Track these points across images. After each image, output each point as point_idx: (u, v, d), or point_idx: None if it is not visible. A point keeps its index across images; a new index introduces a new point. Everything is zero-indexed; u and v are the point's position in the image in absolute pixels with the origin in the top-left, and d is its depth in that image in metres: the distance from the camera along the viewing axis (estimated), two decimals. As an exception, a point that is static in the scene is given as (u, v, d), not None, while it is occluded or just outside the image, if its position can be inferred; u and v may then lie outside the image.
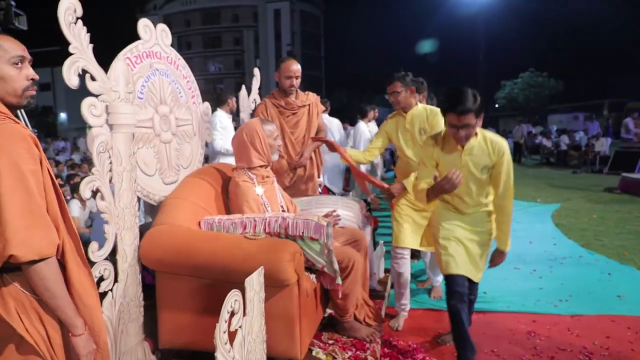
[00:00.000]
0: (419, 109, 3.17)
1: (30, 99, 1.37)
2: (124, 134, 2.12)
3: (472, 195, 2.43)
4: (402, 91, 3.11)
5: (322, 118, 3.38)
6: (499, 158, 2.34)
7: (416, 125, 3.14)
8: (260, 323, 1.78)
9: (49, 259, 1.26)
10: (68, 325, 1.32)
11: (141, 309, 2.22)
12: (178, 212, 2.28)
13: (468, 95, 2.19)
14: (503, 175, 2.35)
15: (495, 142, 2.35)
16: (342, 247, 2.46)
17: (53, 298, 1.28)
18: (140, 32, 2.44)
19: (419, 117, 3.14)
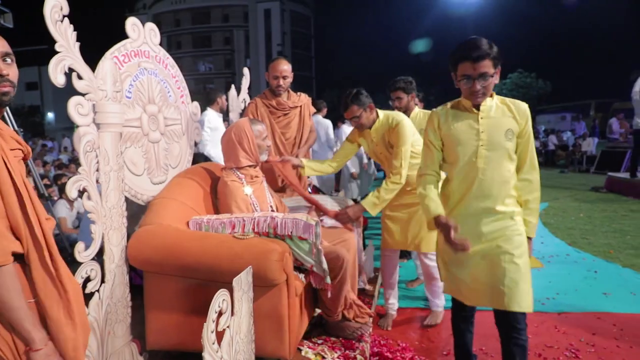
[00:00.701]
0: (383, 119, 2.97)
1: (1, 96, 1.27)
2: (111, 133, 2.10)
3: (497, 184, 1.93)
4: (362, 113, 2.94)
5: (312, 120, 3.38)
6: (525, 121, 1.93)
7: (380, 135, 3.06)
8: (249, 323, 1.78)
9: (2, 267, 1.17)
10: (25, 339, 1.21)
11: (129, 310, 2.20)
12: (166, 212, 2.27)
13: (483, 41, 1.86)
14: (530, 144, 1.96)
15: (517, 102, 1.96)
16: (331, 246, 2.47)
17: (6, 310, 1.18)
18: (129, 31, 2.42)
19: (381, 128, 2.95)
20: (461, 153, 1.96)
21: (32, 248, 1.24)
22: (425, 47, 48.03)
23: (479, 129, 1.93)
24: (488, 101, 1.94)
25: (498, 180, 1.93)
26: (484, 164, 1.92)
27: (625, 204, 7.45)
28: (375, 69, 55.00)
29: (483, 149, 1.92)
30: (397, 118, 2.84)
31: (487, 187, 1.94)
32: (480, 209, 1.96)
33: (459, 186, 2.01)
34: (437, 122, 2.05)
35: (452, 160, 2.02)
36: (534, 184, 1.98)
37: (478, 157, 1.93)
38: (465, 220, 1.97)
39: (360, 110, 2.85)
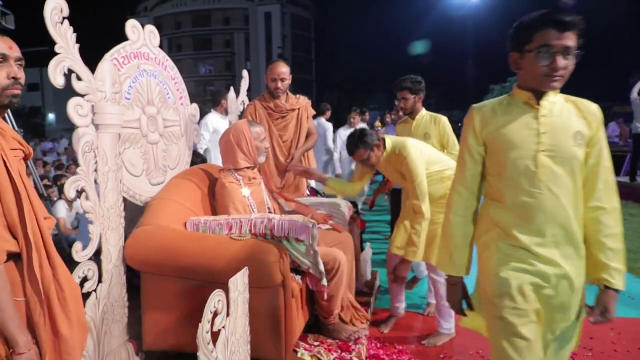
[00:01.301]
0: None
1: (12, 99, 1.31)
2: (109, 134, 2.11)
3: (565, 207, 1.42)
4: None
5: (312, 122, 3.38)
6: (597, 125, 1.47)
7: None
8: (244, 324, 1.79)
9: None
10: (9, 341, 1.21)
11: (125, 310, 2.21)
12: (164, 213, 2.28)
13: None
14: (604, 156, 1.46)
15: (585, 101, 1.52)
16: (328, 248, 2.48)
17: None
18: (128, 33, 2.44)
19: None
20: (513, 161, 1.45)
21: (25, 247, 1.24)
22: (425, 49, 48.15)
23: (538, 129, 1.45)
24: (551, 95, 1.48)
25: (567, 201, 1.42)
26: (546, 177, 1.41)
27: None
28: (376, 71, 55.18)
29: (544, 156, 1.42)
30: (403, 151, 2.67)
31: (552, 210, 1.42)
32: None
33: (509, 207, 1.46)
34: (479, 120, 1.54)
35: (499, 171, 1.49)
36: (614, 212, 1.45)
37: (538, 165, 1.42)
38: (518, 255, 1.45)
39: (368, 152, 2.74)
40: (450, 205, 1.59)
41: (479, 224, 1.57)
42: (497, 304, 1.44)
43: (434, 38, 48.17)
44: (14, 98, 1.33)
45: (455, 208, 1.57)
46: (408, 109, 3.32)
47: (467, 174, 1.56)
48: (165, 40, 54.07)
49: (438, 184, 2.73)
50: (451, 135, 3.25)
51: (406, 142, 2.72)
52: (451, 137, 3.25)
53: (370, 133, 2.77)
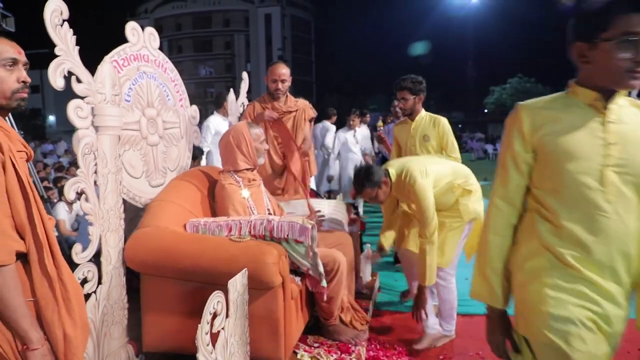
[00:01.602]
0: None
1: (20, 102, 1.35)
2: (109, 136, 2.12)
3: (630, 233, 1.19)
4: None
5: (308, 127, 3.34)
6: None
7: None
8: (244, 325, 1.79)
9: (5, 267, 1.20)
10: (22, 339, 1.24)
11: (125, 312, 2.21)
12: (163, 215, 2.28)
13: None
14: None
15: None
16: (328, 249, 2.48)
17: (5, 308, 1.21)
18: (128, 35, 2.45)
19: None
20: (573, 175, 1.21)
21: (34, 247, 1.27)
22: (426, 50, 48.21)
23: (606, 139, 1.20)
24: (621, 97, 1.23)
25: (633, 228, 1.19)
26: (615, 197, 1.18)
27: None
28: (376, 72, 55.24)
29: (613, 172, 1.19)
30: (410, 179, 2.59)
31: (618, 238, 1.18)
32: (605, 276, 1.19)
33: (565, 231, 1.21)
34: (530, 121, 1.27)
35: (554, 186, 1.24)
36: None
37: (606, 183, 1.19)
38: (579, 290, 1.20)
39: (375, 189, 2.64)
40: (489, 223, 1.35)
41: (521, 245, 1.31)
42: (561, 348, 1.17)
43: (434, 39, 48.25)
44: (22, 101, 1.37)
45: (495, 226, 1.33)
46: (407, 110, 3.25)
47: (509, 186, 1.31)
48: (166, 42, 54.11)
49: (449, 194, 2.72)
50: (451, 137, 3.19)
51: (410, 169, 2.61)
52: (450, 139, 3.18)
53: (376, 170, 2.66)
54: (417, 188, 2.56)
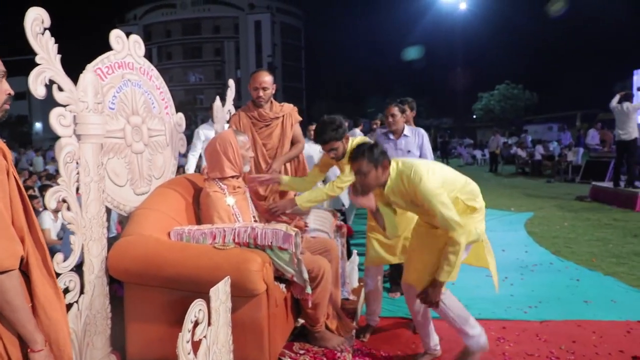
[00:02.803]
0: None
1: (4, 113, 1.36)
2: (92, 144, 2.11)
3: None
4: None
5: (298, 129, 3.36)
6: None
7: None
8: (227, 333, 1.78)
9: (11, 271, 1.23)
10: (27, 341, 1.27)
11: (108, 321, 2.20)
12: (147, 223, 2.27)
13: None
14: None
15: None
16: (312, 256, 2.48)
17: (13, 311, 1.24)
18: (112, 43, 2.45)
19: None
20: None
21: (33, 252, 1.31)
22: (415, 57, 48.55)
23: None
24: None
25: None
26: None
27: (609, 213, 7.56)
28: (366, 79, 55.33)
29: None
30: (415, 176, 2.27)
31: None
32: None
33: None
34: None
35: None
36: None
37: None
38: None
39: (371, 168, 2.33)
40: None
41: None
42: None
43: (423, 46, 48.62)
44: (5, 112, 1.39)
45: None
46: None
47: None
48: (155, 48, 53.95)
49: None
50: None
51: (417, 166, 2.35)
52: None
53: (381, 150, 2.39)
54: (422, 187, 2.25)
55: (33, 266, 1.31)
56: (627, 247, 5.32)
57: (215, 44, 54.20)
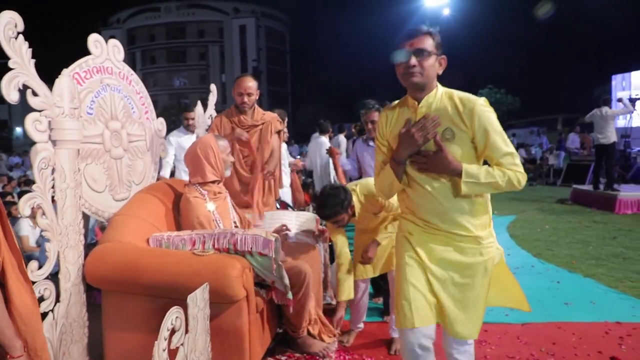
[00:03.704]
0: None
1: None
2: (68, 150, 2.08)
3: None
4: None
5: (276, 141, 3.31)
6: None
7: None
8: (205, 340, 1.77)
9: None
10: (6, 347, 1.27)
11: (85, 330, 2.16)
12: (126, 229, 2.24)
13: None
14: None
15: None
16: (293, 262, 2.48)
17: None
18: (91, 48, 2.42)
19: None
20: None
21: (9, 258, 1.30)
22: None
23: None
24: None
25: None
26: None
27: (589, 215, 7.69)
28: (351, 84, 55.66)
29: None
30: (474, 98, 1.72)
31: None
32: None
33: None
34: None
35: None
36: None
37: None
38: None
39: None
40: None
41: None
42: None
43: (407, 51, 49.00)
44: None
45: None
46: None
47: None
48: (139, 52, 53.48)
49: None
50: None
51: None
52: None
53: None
54: (485, 110, 1.72)
55: (9, 273, 1.30)
56: (606, 249, 5.41)
57: (199, 48, 53.93)
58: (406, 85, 1.71)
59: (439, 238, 1.75)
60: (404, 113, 1.77)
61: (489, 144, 1.67)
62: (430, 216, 1.74)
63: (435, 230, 1.75)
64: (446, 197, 1.70)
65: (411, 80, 1.67)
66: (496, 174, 1.67)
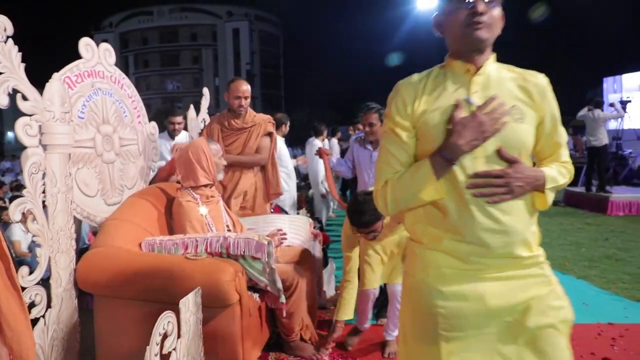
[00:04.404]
0: None
1: None
2: (59, 154, 2.07)
3: None
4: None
5: (265, 142, 3.28)
6: None
7: None
8: (198, 345, 1.76)
9: None
10: None
11: (77, 336, 2.14)
12: (118, 234, 2.23)
13: None
14: None
15: None
16: (286, 265, 2.47)
17: None
18: (82, 51, 2.41)
19: None
20: None
21: (2, 262, 1.28)
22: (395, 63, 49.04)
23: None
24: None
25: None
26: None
27: (581, 217, 7.73)
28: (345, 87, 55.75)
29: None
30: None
31: None
32: None
33: None
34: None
35: None
36: None
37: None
38: None
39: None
40: None
41: None
42: None
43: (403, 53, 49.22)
44: None
45: None
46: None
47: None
48: (132, 56, 53.30)
49: None
50: None
51: None
52: None
53: None
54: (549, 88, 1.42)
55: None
56: (598, 250, 5.45)
57: (193, 51, 53.86)
58: (465, 41, 1.19)
59: (490, 274, 1.18)
60: (447, 83, 1.24)
61: (556, 133, 1.29)
62: (484, 235, 1.16)
63: (485, 259, 1.18)
64: (508, 206, 1.17)
65: (476, 35, 1.16)
66: (562, 171, 1.32)
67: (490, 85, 1.22)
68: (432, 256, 1.22)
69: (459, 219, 1.17)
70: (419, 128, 1.23)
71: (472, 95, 1.20)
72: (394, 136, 1.25)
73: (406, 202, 1.23)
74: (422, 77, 1.28)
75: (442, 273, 1.20)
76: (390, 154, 1.26)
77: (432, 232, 1.22)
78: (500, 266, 1.19)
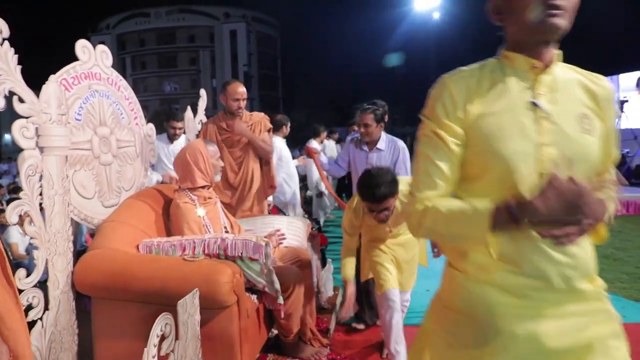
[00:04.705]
0: None
1: None
2: (56, 157, 2.06)
3: None
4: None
5: (267, 135, 3.34)
6: None
7: None
8: (196, 346, 1.76)
9: None
10: None
11: (75, 338, 2.14)
12: (115, 236, 2.23)
13: None
14: None
15: None
16: (284, 266, 2.48)
17: None
18: (78, 53, 2.41)
19: None
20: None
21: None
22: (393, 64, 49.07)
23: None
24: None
25: None
26: None
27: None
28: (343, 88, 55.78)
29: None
30: None
31: None
32: None
33: None
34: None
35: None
36: None
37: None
38: None
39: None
40: None
41: None
42: None
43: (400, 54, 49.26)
44: None
45: None
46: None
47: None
48: (129, 58, 53.24)
49: None
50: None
51: None
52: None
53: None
54: None
55: None
56: (596, 250, 5.47)
57: (190, 53, 53.82)
58: (537, 30, 0.99)
59: (547, 310, 1.01)
60: (507, 81, 1.05)
61: (614, 148, 1.13)
62: (546, 267, 0.99)
63: (543, 293, 1.00)
64: None
65: (552, 22, 0.96)
66: (612, 195, 1.16)
67: (557, 87, 1.04)
68: (480, 289, 1.03)
69: (516, 247, 0.99)
70: (470, 134, 1.03)
71: (539, 97, 1.02)
72: (439, 142, 1.05)
73: (444, 238, 1.09)
74: (473, 71, 1.09)
75: (492, 312, 1.01)
76: (432, 163, 1.05)
77: (480, 261, 1.03)
78: (560, 301, 1.01)
